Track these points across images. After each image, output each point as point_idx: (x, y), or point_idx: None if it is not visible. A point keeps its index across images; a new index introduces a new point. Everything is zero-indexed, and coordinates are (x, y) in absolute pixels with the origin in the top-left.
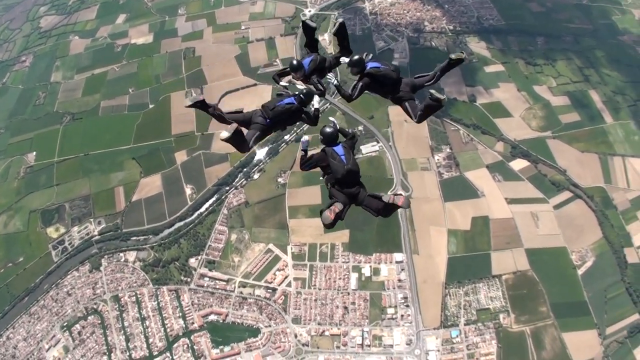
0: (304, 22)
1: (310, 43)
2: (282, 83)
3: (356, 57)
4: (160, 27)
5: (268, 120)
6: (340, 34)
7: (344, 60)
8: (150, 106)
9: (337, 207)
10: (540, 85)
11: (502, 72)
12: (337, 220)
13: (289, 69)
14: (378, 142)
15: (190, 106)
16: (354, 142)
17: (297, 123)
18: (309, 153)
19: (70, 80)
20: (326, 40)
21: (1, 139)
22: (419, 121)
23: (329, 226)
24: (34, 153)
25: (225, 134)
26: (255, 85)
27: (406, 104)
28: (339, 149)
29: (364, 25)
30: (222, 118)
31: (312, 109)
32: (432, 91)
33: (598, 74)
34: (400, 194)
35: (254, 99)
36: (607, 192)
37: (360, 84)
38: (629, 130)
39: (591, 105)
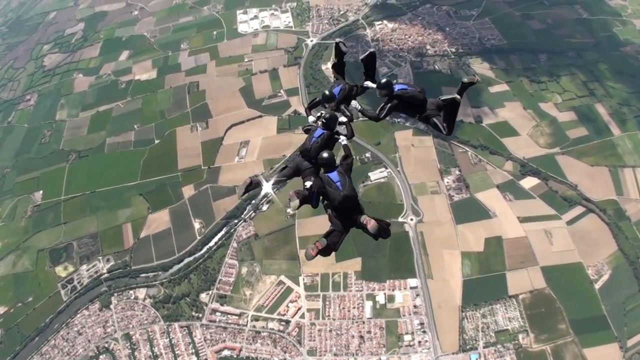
0: (337, 45)
1: (339, 65)
2: (311, 118)
3: (385, 80)
4: (163, 62)
5: (314, 161)
6: (369, 62)
7: (370, 84)
8: (156, 141)
9: (321, 243)
10: (546, 102)
11: (506, 92)
12: (327, 253)
13: (321, 99)
14: (386, 168)
15: (244, 194)
16: (350, 163)
17: None
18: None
19: (75, 118)
20: (329, 70)
21: (8, 179)
22: (449, 132)
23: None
24: (41, 192)
25: (295, 204)
26: (260, 116)
27: (434, 119)
28: (334, 176)
29: (366, 52)
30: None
31: (342, 144)
32: (442, 97)
33: (603, 87)
34: (374, 219)
35: (260, 130)
36: (620, 204)
37: (389, 105)
38: (638, 140)
39: (598, 119)
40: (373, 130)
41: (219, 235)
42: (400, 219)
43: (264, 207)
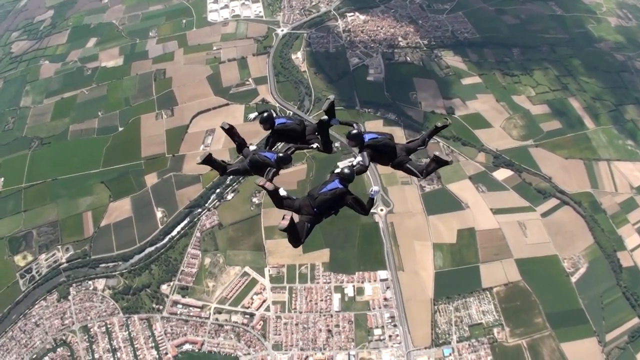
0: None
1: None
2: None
3: (354, 131)
4: (130, 49)
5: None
6: (321, 130)
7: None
8: (120, 129)
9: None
10: (519, 95)
11: (479, 84)
12: (274, 196)
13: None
14: (355, 158)
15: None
16: (354, 202)
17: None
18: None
19: (39, 104)
20: (299, 59)
21: None
22: (425, 177)
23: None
24: (2, 179)
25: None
26: (227, 105)
27: (407, 165)
28: (333, 184)
29: (337, 43)
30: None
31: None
32: (437, 154)
33: (576, 82)
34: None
35: (226, 118)
36: (595, 196)
37: (365, 154)
38: (612, 134)
39: (571, 113)
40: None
41: (182, 224)
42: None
43: (229, 196)
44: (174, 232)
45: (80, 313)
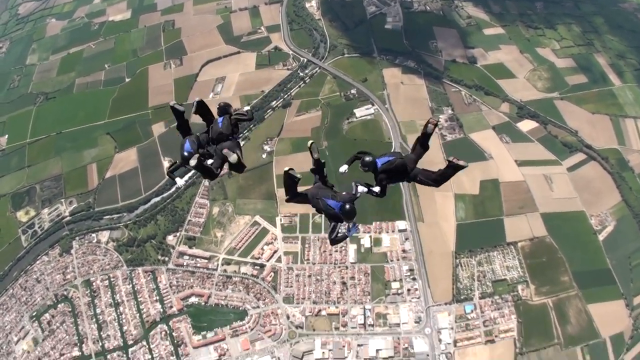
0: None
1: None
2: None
3: (368, 158)
4: (138, 3)
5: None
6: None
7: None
8: (127, 80)
9: None
10: (544, 48)
11: (502, 35)
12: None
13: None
14: (373, 105)
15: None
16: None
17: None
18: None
19: (45, 61)
20: (313, 7)
21: None
22: (439, 185)
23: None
24: (6, 136)
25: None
26: (238, 53)
27: (420, 177)
28: (333, 203)
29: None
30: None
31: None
32: (452, 159)
33: (601, 39)
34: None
35: (237, 66)
36: (622, 153)
37: (382, 182)
38: (638, 93)
39: (596, 69)
40: (359, 66)
41: (190, 173)
42: None
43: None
44: (181, 182)
45: (82, 267)
